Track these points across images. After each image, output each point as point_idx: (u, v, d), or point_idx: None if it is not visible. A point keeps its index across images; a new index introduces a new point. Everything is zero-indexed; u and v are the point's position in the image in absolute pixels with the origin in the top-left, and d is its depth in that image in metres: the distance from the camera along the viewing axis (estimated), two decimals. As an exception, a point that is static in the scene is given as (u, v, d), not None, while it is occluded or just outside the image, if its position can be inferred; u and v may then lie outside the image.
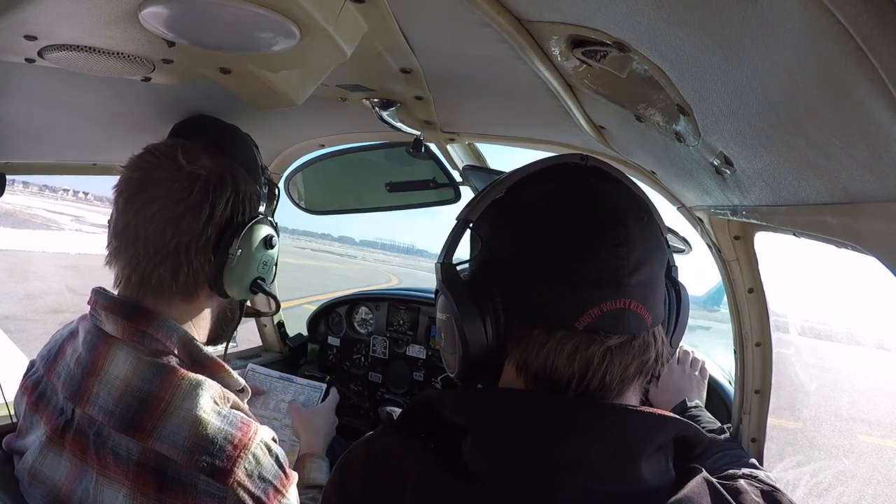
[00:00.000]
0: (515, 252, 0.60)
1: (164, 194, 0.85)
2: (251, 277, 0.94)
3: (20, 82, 0.91)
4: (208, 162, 0.89)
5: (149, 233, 0.85)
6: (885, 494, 5.00)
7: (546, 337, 0.57)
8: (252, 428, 0.81)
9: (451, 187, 1.60)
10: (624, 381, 0.57)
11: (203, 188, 0.87)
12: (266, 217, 0.96)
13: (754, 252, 1.13)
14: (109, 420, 0.79)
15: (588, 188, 0.62)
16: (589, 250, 0.56)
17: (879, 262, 0.51)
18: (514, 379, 0.60)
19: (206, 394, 0.81)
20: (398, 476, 0.58)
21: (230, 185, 0.90)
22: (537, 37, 0.64)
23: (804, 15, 0.34)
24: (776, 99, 0.47)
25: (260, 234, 0.94)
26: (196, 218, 0.86)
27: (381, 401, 2.06)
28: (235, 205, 0.90)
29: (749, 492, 0.56)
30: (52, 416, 0.84)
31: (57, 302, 8.50)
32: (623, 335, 0.56)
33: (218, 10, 0.61)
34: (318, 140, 1.58)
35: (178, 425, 0.78)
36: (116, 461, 0.78)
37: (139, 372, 0.81)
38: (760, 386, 1.20)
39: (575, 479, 0.53)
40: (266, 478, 0.80)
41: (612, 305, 0.55)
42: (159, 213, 0.85)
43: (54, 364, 0.89)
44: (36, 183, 57.93)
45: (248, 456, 0.79)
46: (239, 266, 0.91)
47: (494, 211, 0.64)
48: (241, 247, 0.90)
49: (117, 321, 0.85)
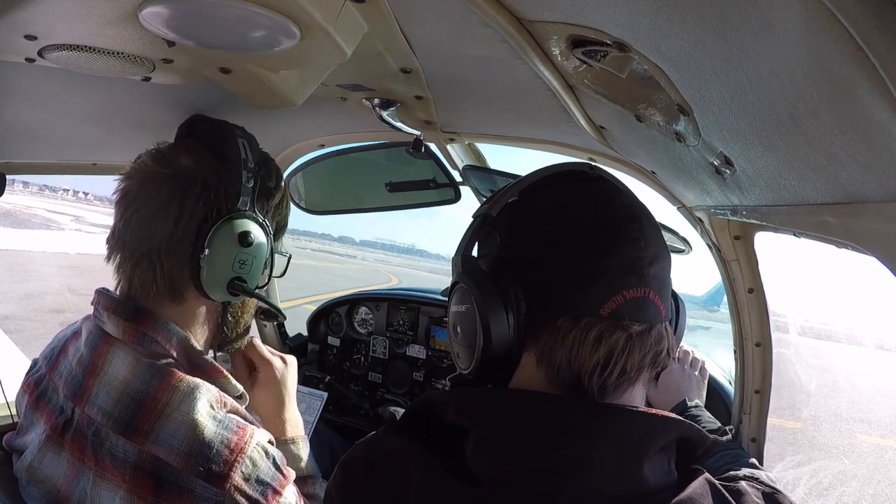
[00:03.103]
0: (536, 247, 0.62)
1: (139, 197, 0.87)
2: (226, 278, 0.88)
3: (20, 82, 0.91)
4: (186, 160, 0.88)
5: (127, 236, 0.87)
6: (886, 494, 5.00)
7: (571, 325, 0.58)
8: (248, 431, 0.81)
9: (451, 187, 1.60)
10: (640, 371, 0.59)
11: (171, 187, 0.85)
12: (245, 212, 0.90)
13: (754, 252, 1.12)
14: (107, 421, 0.79)
15: (601, 189, 0.65)
16: (612, 241, 0.59)
17: (879, 262, 0.51)
18: (534, 372, 0.60)
19: (203, 397, 0.81)
20: (401, 477, 0.58)
21: (200, 182, 0.86)
22: (537, 37, 0.64)
23: (804, 15, 0.34)
24: (776, 99, 0.47)
25: (233, 230, 0.87)
26: (165, 218, 0.85)
27: (381, 401, 2.06)
28: (208, 202, 0.86)
29: (750, 493, 0.56)
30: (52, 415, 0.84)
31: (57, 302, 8.50)
32: (643, 323, 0.58)
33: (218, 10, 0.61)
34: (318, 140, 1.58)
35: (175, 429, 0.78)
36: (114, 463, 0.78)
37: (138, 373, 0.81)
38: (760, 386, 1.20)
39: (578, 481, 0.53)
40: (264, 480, 0.80)
41: (634, 293, 0.58)
42: (135, 216, 0.87)
43: (56, 363, 0.89)
44: (36, 183, 57.92)
45: (245, 460, 0.79)
46: (211, 266, 0.86)
47: (509, 211, 0.66)
48: (209, 246, 0.85)
49: (118, 322, 0.85)
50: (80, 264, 12.21)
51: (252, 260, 0.90)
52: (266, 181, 0.96)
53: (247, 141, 0.94)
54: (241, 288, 0.90)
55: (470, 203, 1.73)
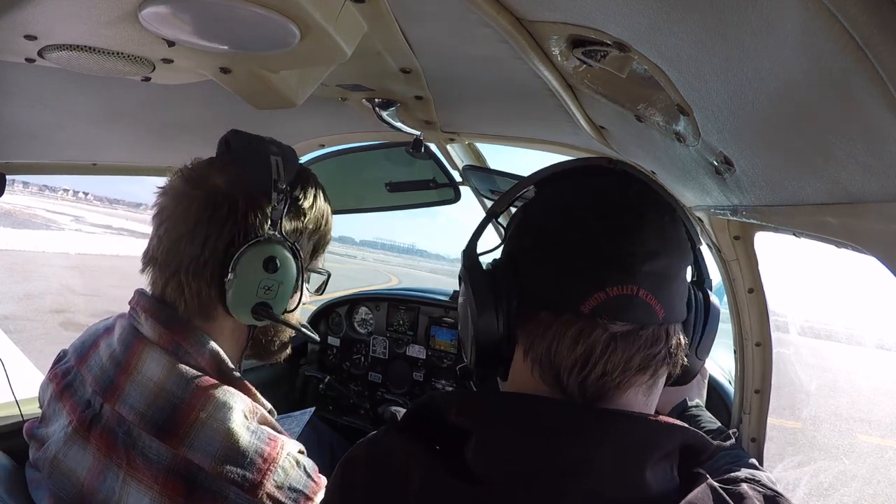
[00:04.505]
0: (528, 239, 0.62)
1: (171, 216, 0.87)
2: (251, 303, 0.87)
3: (20, 82, 0.91)
4: (218, 180, 0.87)
5: (159, 253, 0.88)
6: (886, 494, 4.99)
7: (552, 320, 0.57)
8: (279, 442, 0.82)
9: (450, 187, 1.60)
10: (626, 374, 0.56)
11: (199, 208, 0.86)
12: (273, 236, 0.87)
13: (754, 252, 1.12)
14: (140, 421, 0.79)
15: (607, 184, 0.63)
16: (600, 233, 0.57)
17: (879, 262, 0.51)
18: (521, 366, 0.61)
19: (238, 407, 0.82)
20: (401, 478, 0.58)
21: (228, 203, 0.86)
22: (537, 37, 0.64)
23: (804, 15, 0.34)
24: (776, 99, 0.47)
25: (258, 256, 0.86)
26: (193, 240, 0.85)
27: (381, 401, 2.06)
28: (236, 224, 0.86)
29: (752, 497, 0.56)
30: (78, 408, 0.84)
31: (57, 302, 8.51)
32: (629, 323, 0.55)
33: (218, 10, 0.61)
34: (318, 140, 1.58)
35: (211, 436, 0.78)
36: (146, 463, 0.78)
37: (173, 378, 0.82)
38: (760, 386, 1.20)
39: (579, 482, 0.53)
40: (296, 488, 0.81)
41: (619, 290, 0.55)
42: (166, 235, 0.87)
43: (87, 356, 0.89)
44: (36, 183, 57.94)
45: (277, 469, 0.80)
46: (236, 290, 0.86)
47: (519, 206, 0.66)
48: (233, 270, 0.85)
49: (155, 325, 0.85)
50: (80, 264, 12.21)
51: (278, 286, 0.88)
52: (299, 201, 0.93)
53: (281, 157, 0.90)
54: (266, 314, 0.88)
55: (470, 203, 1.74)
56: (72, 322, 7.34)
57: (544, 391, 0.59)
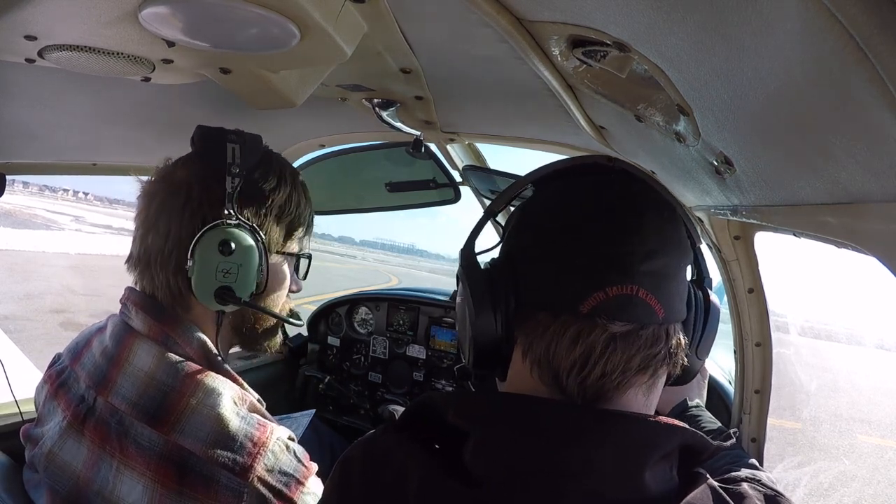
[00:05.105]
0: (527, 239, 0.61)
1: (139, 213, 0.92)
2: (212, 288, 0.87)
3: (20, 82, 0.91)
4: (181, 172, 0.91)
5: (134, 249, 0.92)
6: (886, 494, 4.99)
7: (550, 320, 0.57)
8: (269, 428, 0.84)
9: (450, 187, 1.60)
10: (625, 374, 0.56)
11: (161, 202, 0.89)
12: (226, 220, 0.87)
13: (754, 252, 1.12)
14: (132, 410, 0.81)
15: (606, 182, 0.62)
16: (599, 233, 0.57)
17: (879, 262, 0.51)
18: (521, 366, 0.60)
19: (227, 394, 0.84)
20: (399, 478, 0.58)
21: (184, 193, 0.88)
22: (537, 37, 0.64)
23: (804, 15, 0.34)
24: (776, 99, 0.47)
25: (213, 240, 0.86)
26: (157, 233, 0.88)
27: (381, 401, 2.06)
28: (193, 213, 0.87)
29: (752, 497, 0.56)
30: (72, 403, 0.86)
31: (57, 302, 8.50)
32: (629, 323, 0.55)
33: (218, 11, 0.61)
34: (318, 140, 1.58)
35: (202, 422, 0.80)
36: (138, 451, 0.79)
37: (163, 367, 0.84)
38: (760, 386, 1.20)
39: (579, 482, 0.53)
40: (286, 472, 0.82)
41: (618, 290, 0.54)
42: (137, 232, 0.92)
43: (80, 355, 0.92)
44: (36, 183, 57.90)
45: (267, 453, 0.81)
46: (196, 277, 0.87)
47: (518, 205, 0.66)
48: (192, 257, 0.87)
49: (145, 319, 0.88)
50: (80, 264, 12.20)
51: (237, 268, 0.88)
52: (261, 183, 0.93)
53: (240, 144, 0.90)
54: (230, 297, 0.88)
55: (470, 203, 1.74)
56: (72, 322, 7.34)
57: (543, 392, 0.59)
